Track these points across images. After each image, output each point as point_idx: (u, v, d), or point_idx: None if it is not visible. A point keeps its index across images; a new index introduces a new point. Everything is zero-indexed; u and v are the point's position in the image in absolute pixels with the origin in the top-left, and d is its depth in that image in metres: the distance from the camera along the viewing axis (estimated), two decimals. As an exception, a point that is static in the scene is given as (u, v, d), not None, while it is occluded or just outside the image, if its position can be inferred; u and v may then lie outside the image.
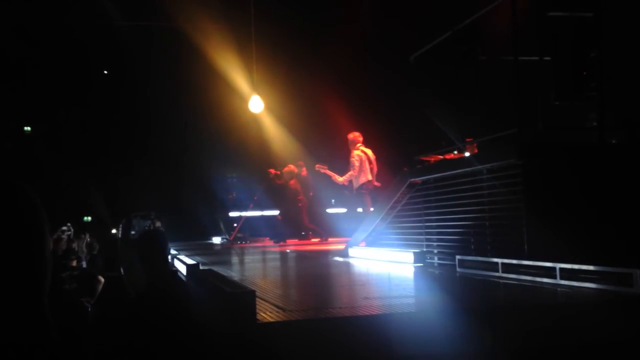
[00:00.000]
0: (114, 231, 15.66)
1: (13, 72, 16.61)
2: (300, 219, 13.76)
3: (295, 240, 13.82)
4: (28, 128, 20.05)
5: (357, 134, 11.56)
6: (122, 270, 8.42)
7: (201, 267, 5.61)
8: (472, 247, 6.30)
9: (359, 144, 11.45)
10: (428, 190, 7.25)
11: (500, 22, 6.16)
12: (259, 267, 8.50)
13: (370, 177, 11.32)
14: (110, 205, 15.74)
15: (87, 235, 12.15)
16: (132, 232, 11.93)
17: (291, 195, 13.68)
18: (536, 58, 5.92)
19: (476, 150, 7.29)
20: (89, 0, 15.84)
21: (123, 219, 12.25)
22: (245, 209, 15.28)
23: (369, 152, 11.48)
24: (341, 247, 9.57)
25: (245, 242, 14.35)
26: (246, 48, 15.16)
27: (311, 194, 14.14)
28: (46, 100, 17.66)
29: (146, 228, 11.64)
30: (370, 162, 11.41)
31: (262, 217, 15.10)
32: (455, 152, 8.24)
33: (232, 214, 15.99)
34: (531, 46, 5.97)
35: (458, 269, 5.98)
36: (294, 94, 15.71)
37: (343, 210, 15.08)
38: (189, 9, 14.82)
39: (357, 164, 11.26)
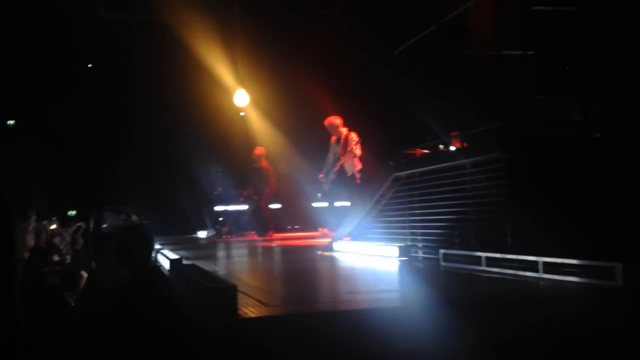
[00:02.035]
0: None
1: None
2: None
3: (282, 234, 13.79)
4: (11, 122, 19.86)
5: (334, 116, 10.80)
6: (93, 265, 8.35)
7: (184, 262, 5.58)
8: (456, 240, 6.30)
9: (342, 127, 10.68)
10: (413, 184, 7.25)
11: (484, 17, 6.16)
12: (243, 261, 8.49)
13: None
14: (94, 198, 15.62)
15: (71, 230, 12.03)
16: (104, 226, 11.80)
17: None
18: (520, 52, 5.93)
19: (459, 144, 7.30)
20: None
21: (94, 213, 12.12)
22: (233, 202, 15.24)
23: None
24: (325, 241, 9.58)
25: (231, 236, 14.31)
26: (231, 41, 15.11)
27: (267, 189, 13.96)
28: (29, 93, 17.49)
29: (121, 222, 11.51)
30: None
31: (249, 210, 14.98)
32: (441, 146, 8.25)
33: (217, 208, 15.93)
34: (515, 40, 5.97)
35: (442, 263, 5.98)
36: (279, 87, 15.65)
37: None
38: (173, 0, 14.73)
39: (358, 146, 10.42)
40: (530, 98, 5.94)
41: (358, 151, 10.38)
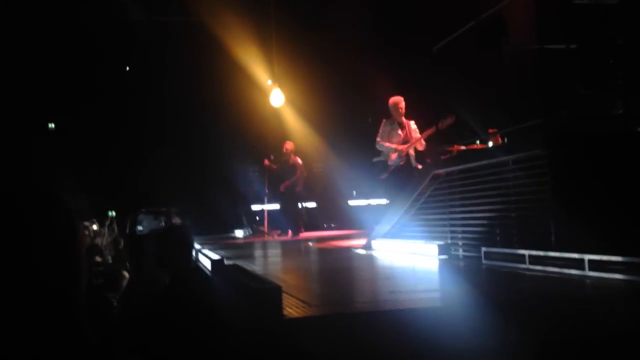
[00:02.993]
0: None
1: (34, 68, 16.71)
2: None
3: (318, 233, 13.78)
4: (52, 125, 20.20)
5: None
6: (128, 266, 8.45)
7: (226, 262, 5.61)
8: (498, 238, 6.23)
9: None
10: (452, 181, 7.19)
11: (525, 11, 6.08)
12: (281, 260, 8.50)
13: None
14: (132, 199, 15.80)
15: (112, 230, 12.23)
16: (140, 228, 11.91)
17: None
18: (562, 47, 5.83)
19: (500, 141, 7.22)
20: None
21: (130, 215, 12.25)
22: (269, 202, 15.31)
23: None
24: (363, 240, 9.54)
25: (268, 235, 14.38)
26: (266, 40, 15.16)
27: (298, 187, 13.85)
28: (67, 96, 17.75)
29: (161, 224, 11.61)
30: None
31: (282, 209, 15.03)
32: (478, 142, 8.16)
33: (254, 207, 16.03)
34: (557, 35, 5.89)
35: (484, 261, 5.92)
36: (314, 85, 15.65)
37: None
38: (208, 1, 14.83)
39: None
40: (572, 93, 5.84)
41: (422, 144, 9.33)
